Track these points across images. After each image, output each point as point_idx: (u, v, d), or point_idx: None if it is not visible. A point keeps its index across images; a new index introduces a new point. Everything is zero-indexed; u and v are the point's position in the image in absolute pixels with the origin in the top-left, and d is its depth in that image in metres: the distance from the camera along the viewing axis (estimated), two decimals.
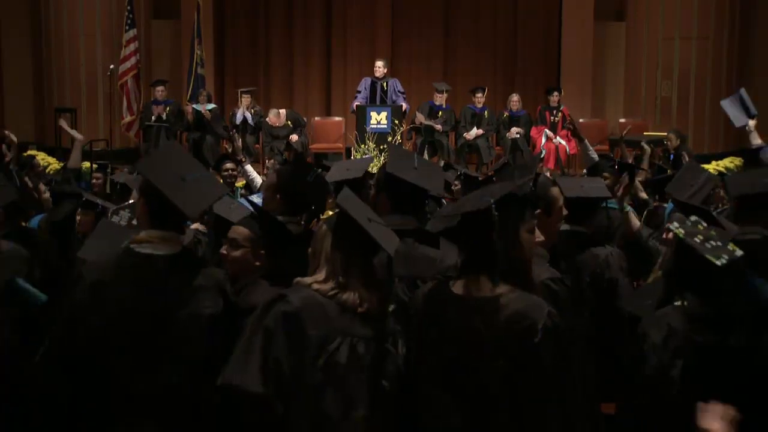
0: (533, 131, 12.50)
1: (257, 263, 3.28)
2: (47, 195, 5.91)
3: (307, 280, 2.67)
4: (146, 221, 2.85)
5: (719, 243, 2.98)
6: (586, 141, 6.91)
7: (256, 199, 4.47)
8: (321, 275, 2.65)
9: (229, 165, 8.16)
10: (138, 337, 2.74)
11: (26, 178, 5.93)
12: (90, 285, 2.78)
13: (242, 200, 5.12)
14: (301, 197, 3.80)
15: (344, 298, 2.61)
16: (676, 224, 3.12)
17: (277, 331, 2.57)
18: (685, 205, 4.96)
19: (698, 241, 2.96)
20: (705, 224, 3.10)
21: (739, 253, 2.96)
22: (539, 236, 2.70)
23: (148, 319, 2.74)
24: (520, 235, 2.64)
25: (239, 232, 3.33)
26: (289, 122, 12.41)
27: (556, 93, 12.46)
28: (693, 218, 3.16)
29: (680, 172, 5.51)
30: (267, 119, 12.42)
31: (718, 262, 2.87)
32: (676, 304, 2.98)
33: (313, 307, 2.59)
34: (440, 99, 12.45)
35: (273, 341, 2.56)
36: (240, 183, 8.30)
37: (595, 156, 6.74)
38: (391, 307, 2.73)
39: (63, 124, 10.44)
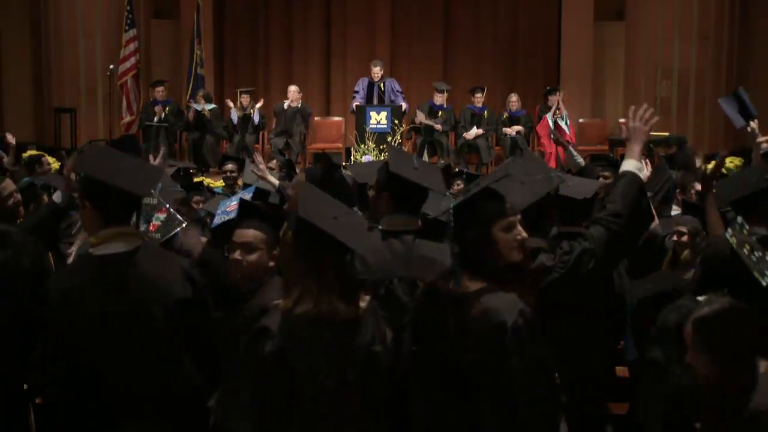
0: (539, 128, 12.49)
1: (271, 263, 3.20)
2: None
3: (285, 303, 2.58)
4: (98, 223, 2.81)
5: (759, 253, 2.95)
6: (571, 147, 6.95)
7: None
8: (296, 292, 2.56)
9: (230, 166, 8.17)
10: (116, 338, 2.73)
11: None
12: (58, 297, 2.77)
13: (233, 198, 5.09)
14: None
15: (324, 313, 2.54)
16: (730, 232, 3.07)
17: (264, 370, 2.52)
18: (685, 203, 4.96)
19: (746, 252, 2.93)
20: (747, 226, 3.07)
21: None
22: (522, 233, 2.70)
23: (121, 319, 2.73)
24: (493, 233, 2.63)
25: (253, 235, 3.20)
26: (301, 113, 12.47)
27: (557, 93, 12.43)
28: (740, 219, 3.13)
29: (651, 173, 5.56)
30: (285, 99, 12.47)
31: (764, 282, 2.86)
32: (698, 298, 2.98)
33: (297, 338, 2.52)
34: (440, 99, 12.44)
35: (261, 381, 2.52)
36: (241, 182, 8.30)
37: (581, 160, 6.78)
38: (367, 300, 2.68)
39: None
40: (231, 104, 12.46)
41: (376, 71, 12.48)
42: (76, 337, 2.73)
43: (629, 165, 3.25)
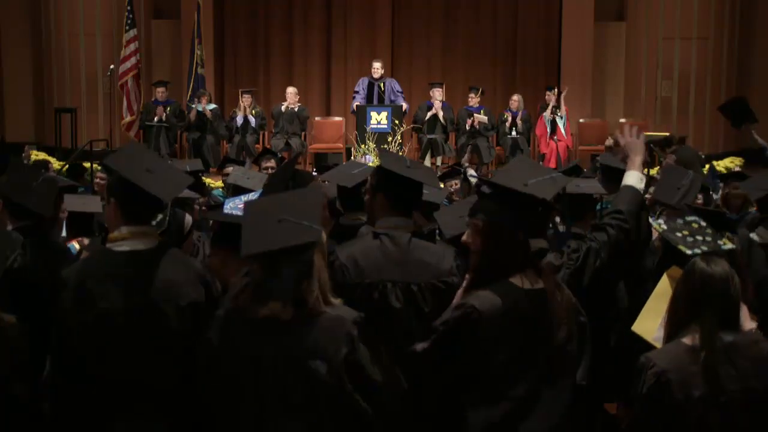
0: (538, 130, 12.49)
1: None
2: None
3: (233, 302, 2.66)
4: (119, 220, 2.87)
5: (708, 239, 3.00)
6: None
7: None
8: (236, 290, 2.65)
9: (230, 169, 8.16)
10: (127, 334, 2.76)
11: None
12: (73, 289, 2.79)
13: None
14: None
15: (265, 312, 2.56)
16: (660, 221, 3.15)
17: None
18: (696, 210, 4.93)
19: (679, 235, 3.00)
20: (702, 223, 3.10)
21: (729, 246, 2.97)
22: None
23: (134, 316, 2.76)
24: None
25: None
26: (298, 115, 12.47)
27: (551, 91, 12.43)
28: (689, 218, 3.17)
29: (662, 176, 5.20)
30: (285, 100, 12.47)
31: (689, 251, 2.91)
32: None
33: (236, 333, 2.62)
34: (438, 94, 12.40)
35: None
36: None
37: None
38: (339, 300, 2.64)
39: None
40: (241, 110, 12.43)
41: (377, 68, 12.48)
42: (84, 330, 2.75)
43: (631, 178, 3.31)
